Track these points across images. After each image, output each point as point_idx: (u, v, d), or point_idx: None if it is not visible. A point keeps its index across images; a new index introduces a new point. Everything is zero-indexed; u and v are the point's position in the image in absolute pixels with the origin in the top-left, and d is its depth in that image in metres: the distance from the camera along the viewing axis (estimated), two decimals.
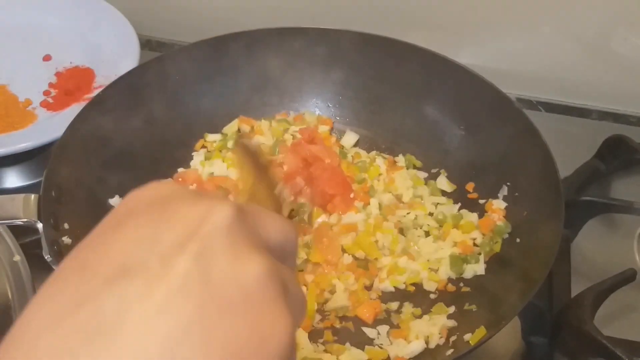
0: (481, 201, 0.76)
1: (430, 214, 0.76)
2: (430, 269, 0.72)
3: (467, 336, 0.63)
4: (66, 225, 0.67)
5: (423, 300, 0.70)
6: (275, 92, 0.86)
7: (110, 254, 0.28)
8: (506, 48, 0.97)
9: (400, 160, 0.82)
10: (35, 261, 0.68)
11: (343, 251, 0.73)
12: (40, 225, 0.64)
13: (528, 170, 0.72)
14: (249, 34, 0.83)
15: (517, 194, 0.74)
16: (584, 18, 0.92)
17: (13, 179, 0.85)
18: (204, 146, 0.83)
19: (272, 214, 0.34)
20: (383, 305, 0.69)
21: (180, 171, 0.80)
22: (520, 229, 0.72)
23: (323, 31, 0.83)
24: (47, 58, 0.97)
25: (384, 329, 0.68)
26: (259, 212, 0.32)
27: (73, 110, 0.81)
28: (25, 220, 0.64)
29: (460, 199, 0.77)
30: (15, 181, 0.85)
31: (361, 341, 0.67)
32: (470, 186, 0.78)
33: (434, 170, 0.81)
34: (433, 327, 0.66)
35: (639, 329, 0.71)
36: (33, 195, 0.65)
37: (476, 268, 0.71)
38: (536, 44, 0.96)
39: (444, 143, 0.81)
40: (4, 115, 0.88)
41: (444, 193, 0.78)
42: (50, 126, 0.84)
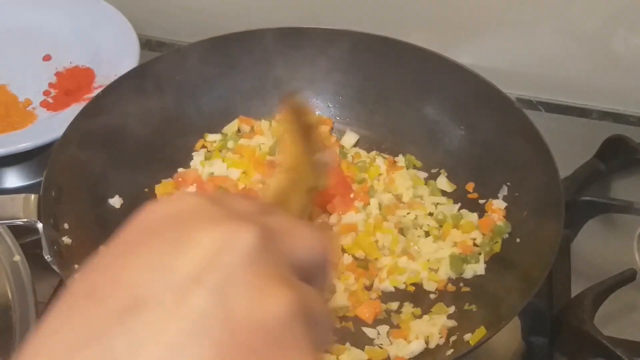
0: (481, 201, 0.76)
1: (430, 214, 0.76)
2: (430, 269, 0.72)
3: (467, 336, 0.63)
4: (66, 225, 0.67)
5: (423, 300, 0.70)
6: (275, 92, 0.85)
7: (122, 281, 0.26)
8: (506, 48, 0.97)
9: (400, 160, 0.82)
10: (35, 261, 0.68)
11: (343, 251, 0.73)
12: (40, 225, 0.64)
13: (528, 170, 0.72)
14: (249, 34, 0.83)
15: (517, 194, 0.74)
16: (584, 18, 0.92)
17: (13, 179, 0.85)
18: (204, 146, 0.83)
19: (303, 229, 0.31)
20: (383, 305, 0.69)
21: (180, 171, 0.80)
22: (520, 229, 0.72)
23: (323, 31, 0.83)
24: (47, 58, 0.96)
25: (384, 329, 0.68)
26: (287, 230, 0.30)
27: (73, 110, 0.80)
28: (25, 220, 0.64)
29: (460, 199, 0.77)
30: (15, 181, 0.85)
31: (361, 341, 0.67)
32: (470, 186, 0.78)
33: (434, 170, 0.81)
34: (433, 327, 0.66)
35: (639, 329, 0.71)
36: (33, 195, 0.65)
37: (476, 268, 0.71)
38: (536, 44, 0.96)
39: (444, 143, 0.81)
40: (4, 115, 0.87)
41: (444, 193, 0.78)
42: (50, 126, 0.84)
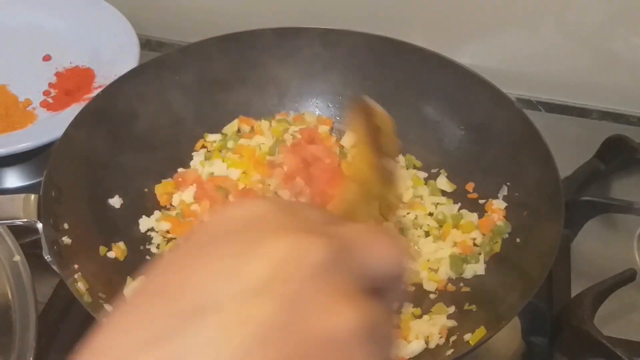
0: (481, 201, 0.76)
1: (430, 214, 0.76)
2: (430, 269, 0.72)
3: (467, 336, 0.63)
4: (66, 225, 0.67)
5: (423, 300, 0.70)
6: (275, 92, 0.85)
7: (192, 284, 0.26)
8: (506, 48, 0.97)
9: (400, 160, 0.82)
10: (35, 261, 0.68)
11: None
12: (40, 225, 0.64)
13: (528, 170, 0.72)
14: (249, 33, 0.83)
15: (517, 194, 0.74)
16: (584, 18, 0.92)
17: (13, 179, 0.85)
18: (204, 146, 0.83)
19: (377, 240, 0.30)
20: None
21: (180, 171, 0.80)
22: (520, 229, 0.72)
23: (323, 31, 0.83)
24: (47, 58, 0.96)
25: None
26: (359, 242, 0.29)
27: (73, 110, 0.80)
28: (25, 220, 0.64)
29: (460, 199, 0.77)
30: (15, 181, 0.85)
31: None
32: (470, 186, 0.77)
33: (434, 170, 0.80)
34: (433, 327, 0.66)
35: (639, 329, 0.71)
36: (33, 195, 0.65)
37: (476, 268, 0.71)
38: (536, 44, 0.96)
39: (444, 143, 0.81)
40: (4, 115, 0.87)
41: (444, 193, 0.78)
42: (50, 126, 0.84)
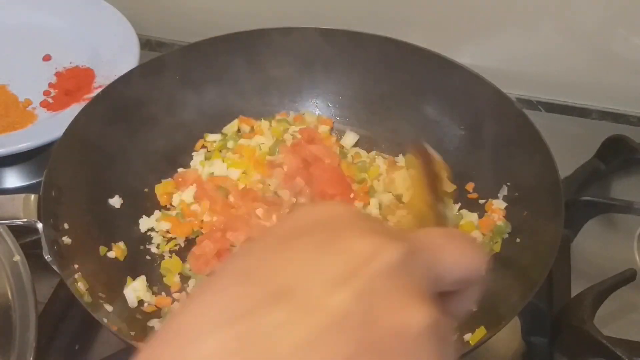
0: (481, 201, 0.76)
1: None
2: None
3: (467, 336, 0.63)
4: (66, 225, 0.67)
5: None
6: (275, 92, 0.85)
7: (275, 270, 0.27)
8: (506, 48, 0.97)
9: (400, 160, 0.82)
10: (35, 261, 0.67)
11: None
12: (40, 225, 0.64)
13: (528, 170, 0.72)
14: (249, 34, 0.83)
15: (517, 194, 0.74)
16: (584, 18, 0.92)
17: (13, 179, 0.85)
18: (204, 146, 0.83)
19: (458, 243, 0.32)
20: None
21: (180, 171, 0.80)
22: (520, 229, 0.72)
23: (323, 31, 0.83)
24: (47, 58, 0.96)
25: None
26: (440, 244, 0.31)
27: (73, 110, 0.80)
28: (25, 220, 0.64)
29: (460, 199, 0.77)
30: (15, 181, 0.85)
31: None
32: (470, 186, 0.77)
33: None
34: None
35: (639, 329, 0.71)
36: (33, 195, 0.65)
37: None
38: (536, 44, 0.96)
39: (444, 143, 0.81)
40: (4, 115, 0.87)
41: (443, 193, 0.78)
42: (50, 126, 0.84)
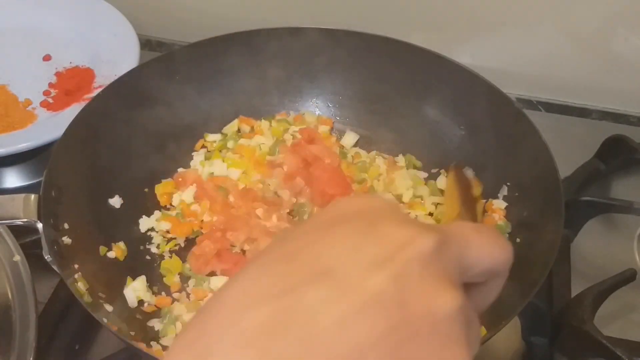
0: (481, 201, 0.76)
1: (430, 214, 0.76)
2: None
3: None
4: (66, 225, 0.67)
5: None
6: (275, 92, 0.85)
7: (317, 252, 0.29)
8: (506, 48, 0.97)
9: (400, 160, 0.81)
10: (35, 261, 0.68)
11: None
12: (40, 225, 0.63)
13: (528, 170, 0.72)
14: (249, 34, 0.83)
15: (517, 194, 0.74)
16: (584, 18, 0.92)
17: (13, 179, 0.85)
18: (204, 146, 0.83)
19: (486, 238, 0.33)
20: None
21: (180, 171, 0.80)
22: (520, 229, 0.72)
23: (323, 31, 0.83)
24: (47, 58, 0.96)
25: None
26: (469, 237, 0.32)
27: (73, 110, 0.80)
28: (25, 220, 0.64)
29: None
30: (15, 181, 0.85)
31: None
32: None
33: (434, 170, 0.80)
34: None
35: (639, 329, 0.71)
36: (33, 195, 0.65)
37: None
38: (536, 44, 0.96)
39: (444, 143, 0.81)
40: (4, 115, 0.87)
41: (444, 193, 0.78)
42: (50, 126, 0.84)
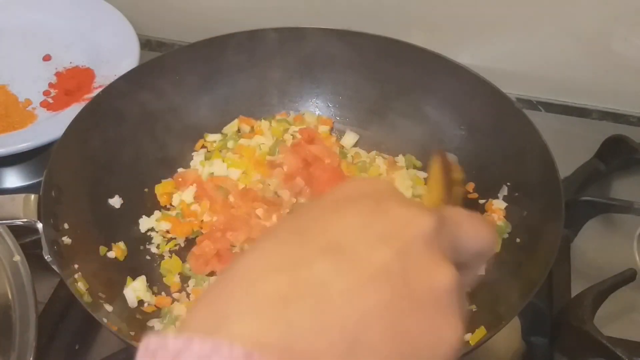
0: (481, 201, 0.76)
1: None
2: None
3: (467, 336, 0.63)
4: (66, 225, 0.67)
5: None
6: (275, 92, 0.85)
7: (328, 228, 0.32)
8: (506, 48, 0.97)
9: (400, 160, 0.82)
10: (35, 261, 0.68)
11: None
12: (40, 225, 0.64)
13: (528, 170, 0.72)
14: (249, 34, 0.83)
15: (517, 194, 0.74)
16: (584, 18, 0.92)
17: (13, 179, 0.85)
18: (204, 146, 0.83)
19: (475, 223, 0.36)
20: None
21: (180, 171, 0.80)
22: (520, 229, 0.72)
23: (323, 31, 0.83)
24: (47, 58, 0.96)
25: None
26: (461, 221, 0.35)
27: (73, 110, 0.80)
28: (25, 220, 0.64)
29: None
30: (15, 181, 0.85)
31: None
32: (470, 186, 0.77)
33: None
34: None
35: (639, 329, 0.71)
36: (33, 195, 0.65)
37: None
38: (536, 43, 0.96)
39: (444, 143, 0.81)
40: (4, 115, 0.87)
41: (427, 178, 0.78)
42: (50, 126, 0.84)
